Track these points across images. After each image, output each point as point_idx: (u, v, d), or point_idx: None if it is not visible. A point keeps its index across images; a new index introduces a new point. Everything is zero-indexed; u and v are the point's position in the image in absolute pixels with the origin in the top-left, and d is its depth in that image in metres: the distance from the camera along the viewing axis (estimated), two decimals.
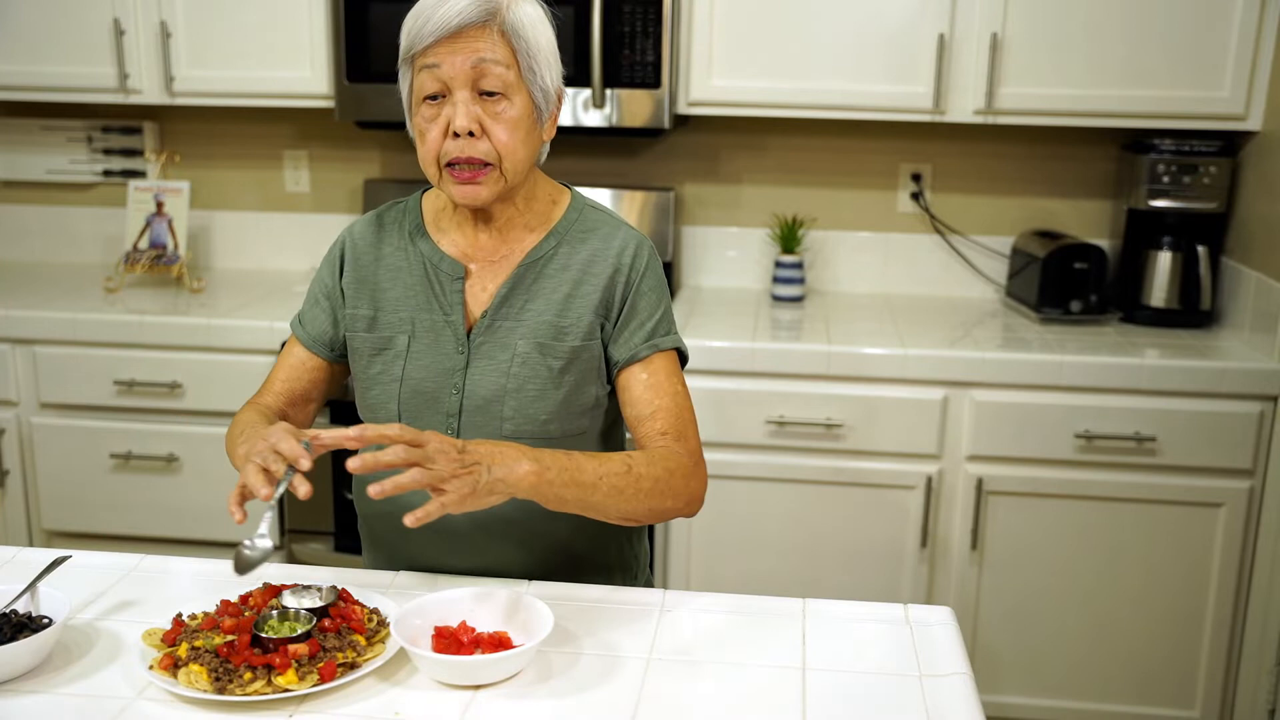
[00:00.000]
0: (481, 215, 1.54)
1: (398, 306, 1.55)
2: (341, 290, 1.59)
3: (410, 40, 1.44)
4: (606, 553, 1.64)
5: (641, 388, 1.52)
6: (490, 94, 1.44)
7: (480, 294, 1.54)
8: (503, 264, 1.54)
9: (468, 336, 1.52)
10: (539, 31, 1.46)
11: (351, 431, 1.28)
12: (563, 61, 1.52)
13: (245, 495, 1.29)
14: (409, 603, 1.34)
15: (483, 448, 1.30)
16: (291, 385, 1.61)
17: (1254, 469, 2.56)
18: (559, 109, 1.53)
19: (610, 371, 1.56)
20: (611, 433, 1.63)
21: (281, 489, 1.28)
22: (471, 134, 1.43)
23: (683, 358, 1.59)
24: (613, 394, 1.59)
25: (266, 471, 1.29)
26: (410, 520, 1.24)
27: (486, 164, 1.45)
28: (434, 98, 1.44)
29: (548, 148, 1.55)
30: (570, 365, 1.51)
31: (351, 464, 1.25)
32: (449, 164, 1.46)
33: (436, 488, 1.26)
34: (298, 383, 1.61)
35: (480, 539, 1.53)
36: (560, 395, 1.51)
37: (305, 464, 1.28)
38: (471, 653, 1.27)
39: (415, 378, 1.52)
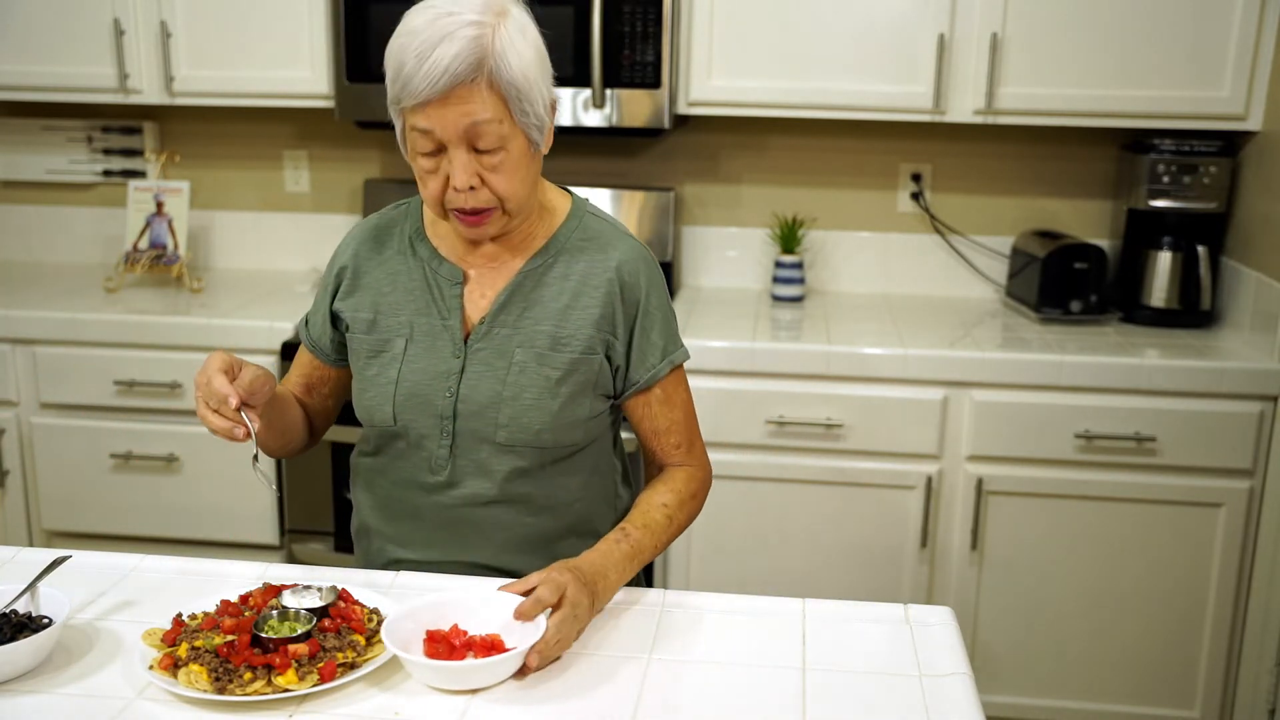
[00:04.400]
0: None
1: (397, 310, 1.54)
2: (335, 296, 1.59)
3: (396, 91, 1.38)
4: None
5: (658, 404, 1.58)
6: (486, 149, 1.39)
7: (479, 300, 1.53)
8: (502, 270, 1.53)
9: (465, 341, 1.51)
10: (527, 63, 1.38)
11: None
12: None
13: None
14: (399, 607, 1.33)
15: (600, 589, 1.39)
16: (307, 382, 1.66)
17: (1254, 469, 2.56)
18: (554, 120, 1.48)
19: (622, 387, 1.56)
20: (604, 443, 1.61)
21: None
22: (472, 187, 1.40)
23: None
24: (615, 408, 1.60)
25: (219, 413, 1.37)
26: (534, 661, 1.29)
27: (490, 208, 1.44)
28: (429, 153, 1.40)
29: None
30: (567, 377, 1.50)
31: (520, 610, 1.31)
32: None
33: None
34: (312, 380, 1.66)
35: (461, 533, 1.55)
36: (555, 406, 1.50)
37: (234, 402, 1.35)
38: (464, 656, 1.26)
39: (410, 380, 1.51)
